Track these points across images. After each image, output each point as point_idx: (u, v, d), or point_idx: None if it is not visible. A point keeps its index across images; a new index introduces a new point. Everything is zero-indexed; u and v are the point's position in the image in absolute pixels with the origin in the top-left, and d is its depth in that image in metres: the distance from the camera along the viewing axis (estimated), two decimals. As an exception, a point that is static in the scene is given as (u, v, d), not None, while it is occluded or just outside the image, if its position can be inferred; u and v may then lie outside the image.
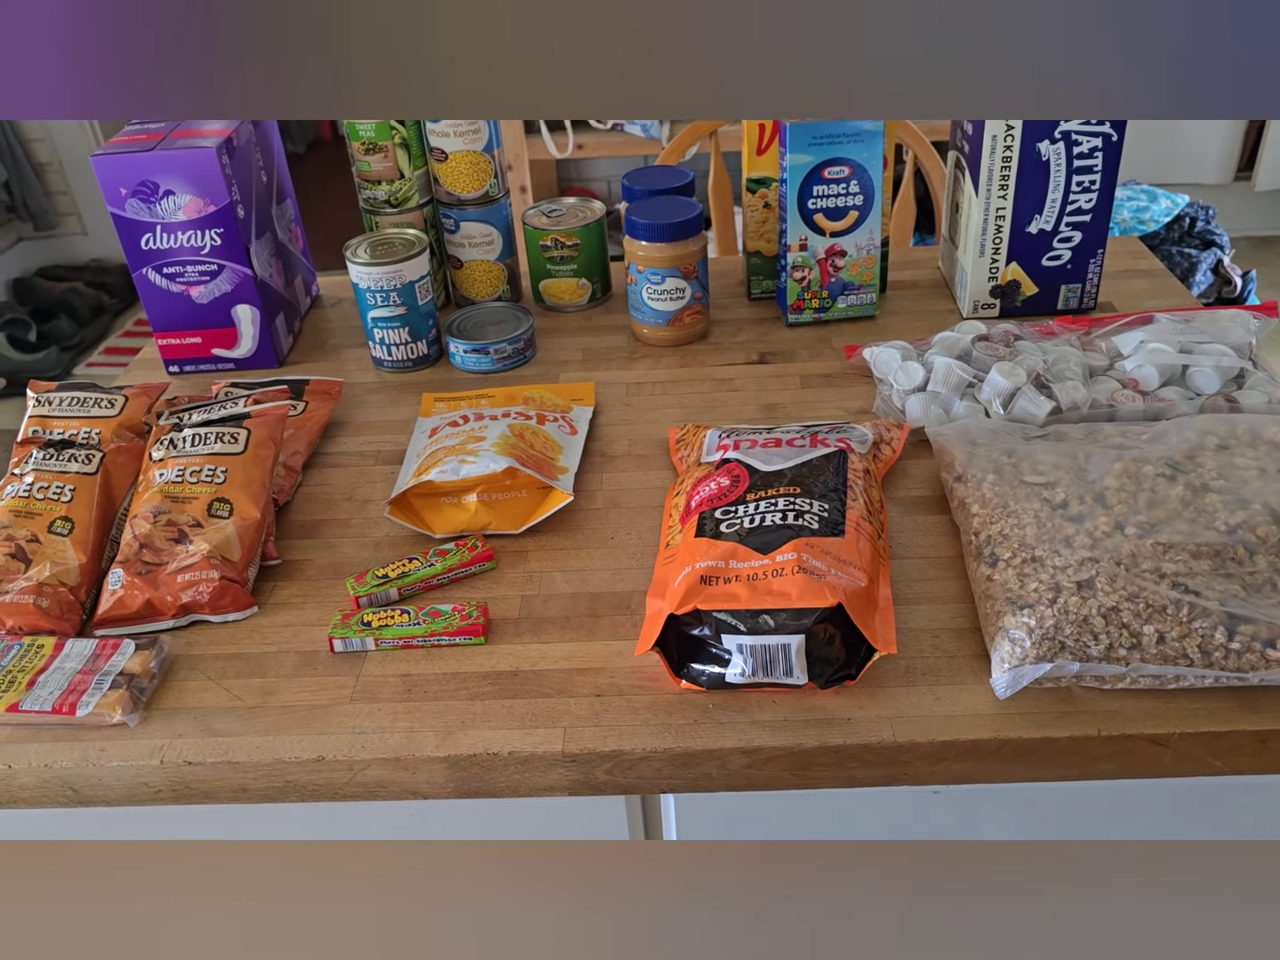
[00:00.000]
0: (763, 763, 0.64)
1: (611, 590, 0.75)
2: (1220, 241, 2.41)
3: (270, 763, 0.64)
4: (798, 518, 0.69)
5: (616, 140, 2.63)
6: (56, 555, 0.76)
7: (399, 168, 1.08)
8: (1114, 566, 0.65)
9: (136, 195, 0.97)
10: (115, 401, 0.89)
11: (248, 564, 0.76)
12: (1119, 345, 0.92)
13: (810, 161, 0.98)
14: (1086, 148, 0.97)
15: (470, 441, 0.84)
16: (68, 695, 0.66)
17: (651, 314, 1.05)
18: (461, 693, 0.68)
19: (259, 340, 1.06)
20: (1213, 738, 0.62)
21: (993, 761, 0.63)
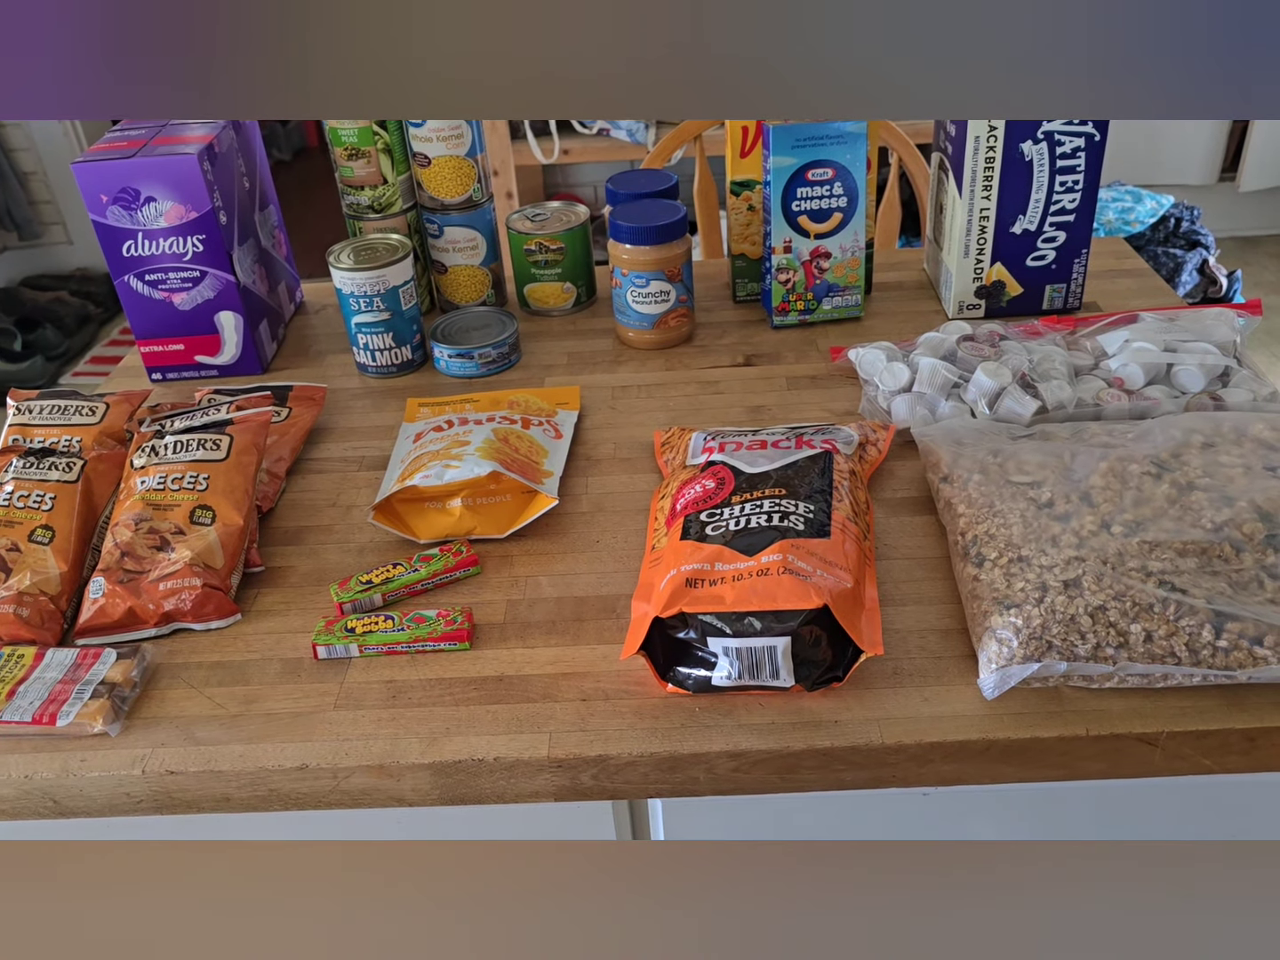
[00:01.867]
0: (750, 766, 0.63)
1: (597, 594, 0.75)
2: (1205, 242, 2.42)
3: (254, 771, 0.64)
4: (783, 519, 0.68)
5: (602, 145, 2.62)
6: (37, 564, 0.75)
7: (382, 173, 1.08)
8: (1100, 565, 0.65)
9: (118, 202, 0.96)
10: (96, 409, 0.89)
11: (230, 571, 0.76)
12: (1104, 344, 0.92)
13: (794, 164, 0.98)
14: (1069, 148, 0.97)
15: (455, 446, 0.83)
16: (48, 705, 0.66)
17: (636, 317, 1.05)
18: (446, 699, 0.67)
19: (242, 347, 1.05)
20: (1201, 736, 0.62)
21: (981, 762, 0.63)
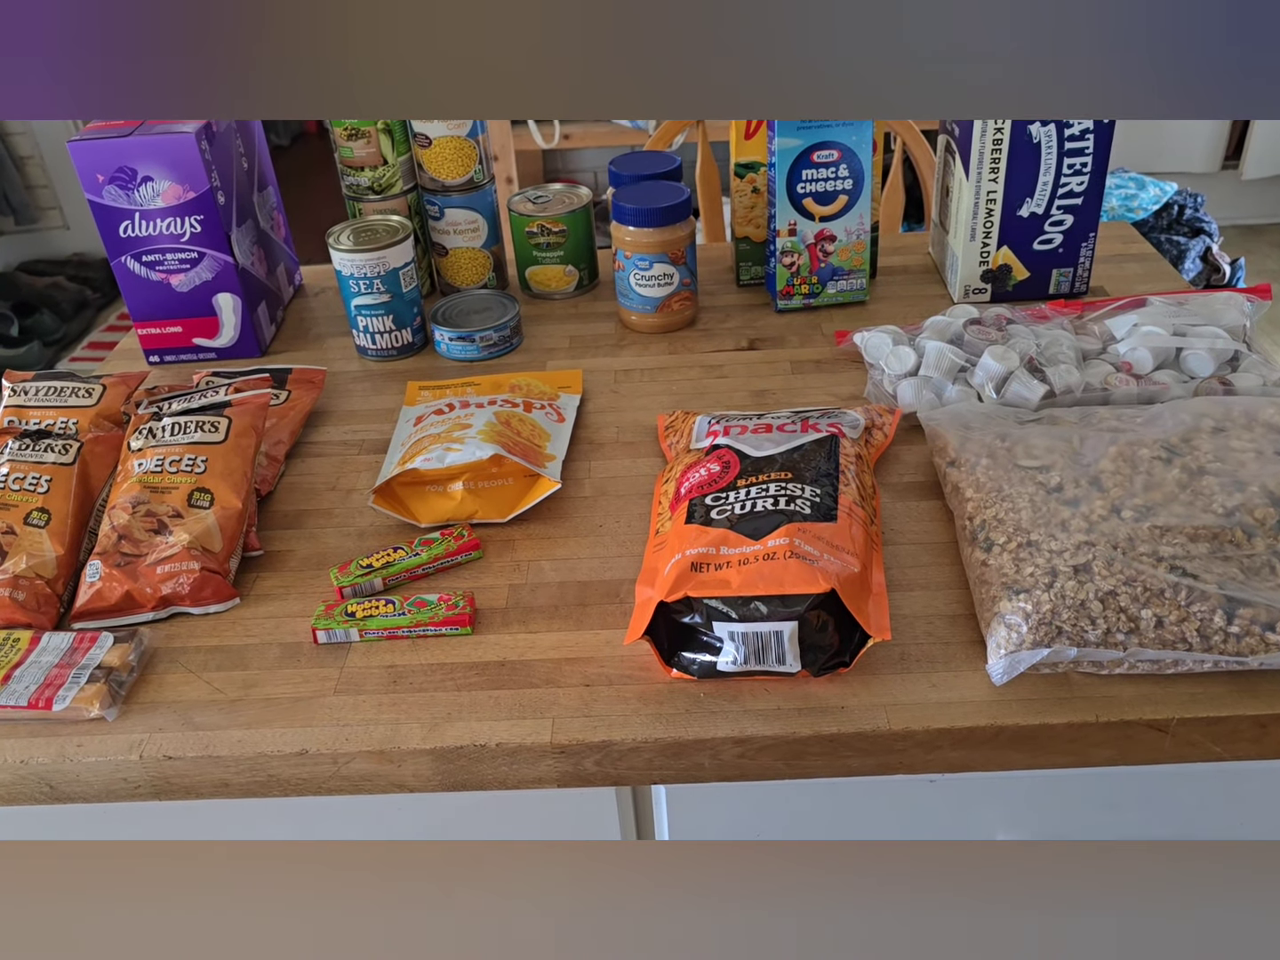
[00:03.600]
0: (755, 752, 0.62)
1: (600, 579, 0.74)
2: (1209, 229, 2.41)
3: (252, 756, 0.63)
4: (789, 503, 0.68)
5: (603, 130, 2.61)
6: (33, 547, 0.74)
7: (382, 154, 1.06)
8: (1111, 550, 0.64)
9: (114, 182, 0.95)
10: (93, 391, 0.88)
11: (229, 555, 0.75)
12: (1112, 329, 0.91)
13: (799, 145, 0.97)
14: (1078, 130, 0.96)
15: (456, 429, 0.82)
16: (44, 689, 0.65)
17: (639, 300, 1.04)
18: (448, 684, 0.66)
19: (241, 329, 1.04)
20: (1212, 722, 0.61)
21: (989, 749, 0.62)
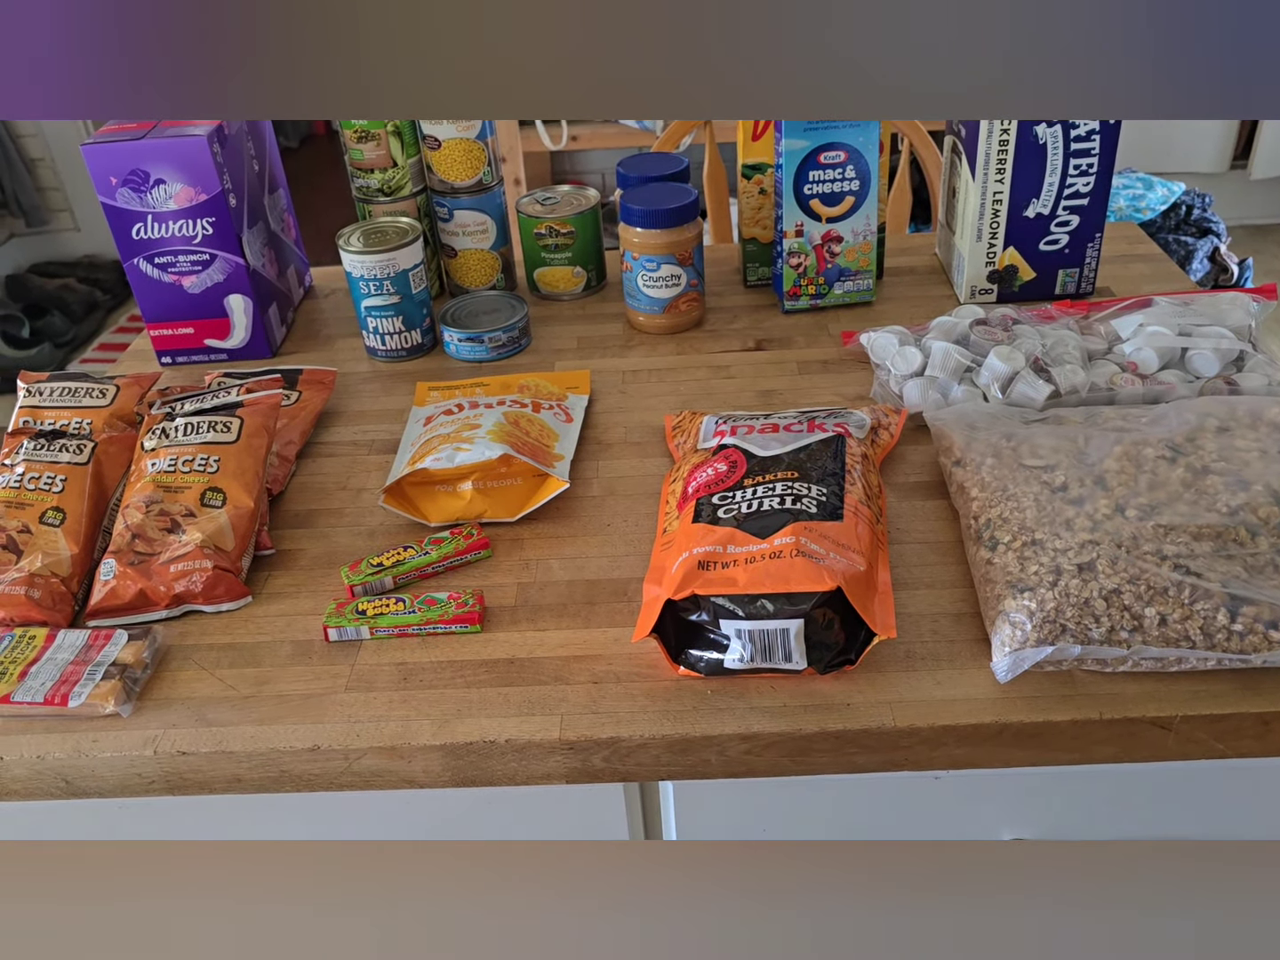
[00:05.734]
0: (762, 749, 0.63)
1: (608, 577, 0.75)
2: (1217, 229, 2.41)
3: (265, 752, 0.64)
4: (795, 502, 0.68)
5: (611, 132, 2.62)
6: (48, 546, 0.75)
7: (391, 156, 1.07)
8: (1115, 549, 0.64)
9: (127, 184, 0.96)
10: (107, 391, 0.88)
11: (241, 553, 0.76)
12: (1118, 329, 0.91)
13: (806, 146, 0.98)
14: (1084, 130, 0.97)
15: (465, 429, 0.83)
16: (60, 686, 0.66)
17: (647, 301, 1.04)
18: (458, 681, 0.67)
19: (252, 330, 1.05)
20: (1215, 720, 0.61)
21: (994, 746, 0.63)
